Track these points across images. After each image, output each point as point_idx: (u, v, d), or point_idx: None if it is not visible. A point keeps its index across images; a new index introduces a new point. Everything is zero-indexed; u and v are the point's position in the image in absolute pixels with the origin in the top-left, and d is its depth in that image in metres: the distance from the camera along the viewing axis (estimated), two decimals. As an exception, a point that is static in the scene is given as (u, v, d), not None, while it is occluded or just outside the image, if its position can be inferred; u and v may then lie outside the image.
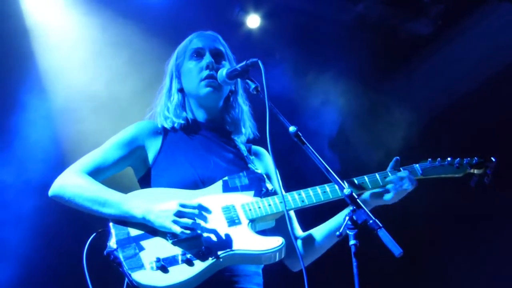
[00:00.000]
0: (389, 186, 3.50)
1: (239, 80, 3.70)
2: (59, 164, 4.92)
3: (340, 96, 7.40)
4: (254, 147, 3.86)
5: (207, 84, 3.62)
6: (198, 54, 3.72)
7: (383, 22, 7.35)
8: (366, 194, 3.55)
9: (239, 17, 7.24)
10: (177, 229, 3.10)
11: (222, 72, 3.57)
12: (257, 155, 3.82)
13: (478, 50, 7.24)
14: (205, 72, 3.64)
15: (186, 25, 6.67)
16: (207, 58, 3.68)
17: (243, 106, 3.81)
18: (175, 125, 3.65)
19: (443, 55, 7.44)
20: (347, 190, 2.87)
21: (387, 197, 3.49)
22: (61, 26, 6.45)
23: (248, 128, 3.80)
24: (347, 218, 2.82)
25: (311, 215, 3.68)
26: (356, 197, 2.87)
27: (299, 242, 3.65)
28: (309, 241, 3.65)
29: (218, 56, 3.72)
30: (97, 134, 5.83)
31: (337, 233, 2.88)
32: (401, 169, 3.58)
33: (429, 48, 7.51)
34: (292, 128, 3.09)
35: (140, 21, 6.72)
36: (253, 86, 3.32)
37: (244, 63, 3.41)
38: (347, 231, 2.80)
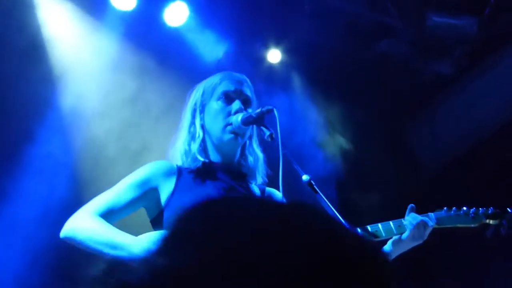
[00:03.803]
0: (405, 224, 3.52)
1: (255, 126, 3.70)
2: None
3: (358, 135, 7.40)
4: (268, 189, 3.83)
5: (232, 130, 3.61)
6: (227, 97, 3.68)
7: (405, 62, 7.35)
8: (388, 244, 3.56)
9: (260, 52, 7.29)
10: None
11: (238, 118, 3.56)
12: (270, 197, 3.77)
13: (500, 91, 7.20)
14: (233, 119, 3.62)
15: (206, 58, 6.81)
16: (237, 105, 3.64)
17: (259, 153, 3.79)
18: (191, 166, 3.65)
19: (466, 96, 7.41)
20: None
21: (404, 235, 3.49)
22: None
23: (263, 175, 3.78)
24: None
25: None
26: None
27: None
28: None
29: (246, 103, 3.69)
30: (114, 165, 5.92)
31: None
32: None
33: (451, 89, 7.48)
34: (305, 177, 3.09)
35: (157, 50, 6.79)
36: (267, 133, 3.32)
37: (259, 110, 3.42)
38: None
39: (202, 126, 3.72)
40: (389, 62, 7.31)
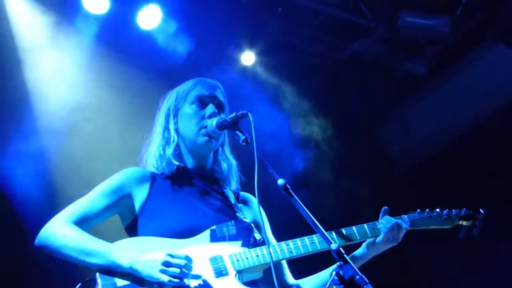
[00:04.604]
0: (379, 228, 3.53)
1: (226, 132, 3.70)
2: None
3: (330, 134, 7.43)
4: (242, 193, 3.83)
5: (206, 133, 3.60)
6: (201, 101, 3.68)
7: (378, 61, 7.39)
8: (362, 247, 3.57)
9: (234, 54, 7.29)
10: (164, 278, 3.08)
11: (213, 122, 3.55)
12: (245, 202, 3.80)
13: (472, 91, 7.28)
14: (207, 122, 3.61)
15: (180, 60, 6.79)
16: (211, 108, 3.65)
17: (232, 160, 3.79)
18: (165, 171, 3.63)
19: (438, 95, 7.47)
20: (334, 245, 2.84)
21: (378, 239, 3.51)
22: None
23: (236, 181, 3.77)
24: (333, 273, 2.81)
25: (305, 259, 3.65)
26: (343, 252, 2.85)
27: None
28: None
29: (219, 108, 3.70)
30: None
31: None
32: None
33: (423, 88, 7.54)
34: (280, 181, 3.07)
35: (133, 55, 6.76)
36: (242, 137, 3.31)
37: (234, 114, 3.41)
38: (334, 287, 2.79)
39: (176, 131, 3.71)
40: (363, 61, 7.36)
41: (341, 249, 2.85)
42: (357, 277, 2.75)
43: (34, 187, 6.09)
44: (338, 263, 2.83)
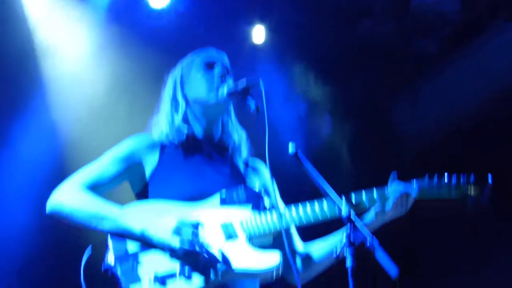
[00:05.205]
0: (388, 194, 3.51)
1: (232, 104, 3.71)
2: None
3: (341, 114, 7.42)
4: (252, 159, 3.82)
5: (218, 97, 3.58)
6: (208, 66, 3.67)
7: (389, 41, 7.36)
8: (371, 214, 3.54)
9: (244, 31, 7.28)
10: (176, 243, 3.11)
11: (223, 90, 3.55)
12: (254, 169, 3.79)
13: (484, 71, 7.23)
14: (218, 82, 3.60)
15: (190, 39, 6.78)
16: (220, 69, 3.64)
17: (240, 130, 3.79)
18: (174, 139, 3.63)
19: (450, 75, 7.43)
20: (345, 211, 2.85)
21: (387, 206, 3.48)
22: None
23: (245, 150, 3.77)
24: (344, 239, 2.82)
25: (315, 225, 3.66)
26: (354, 217, 2.85)
27: (298, 259, 3.64)
28: (307, 259, 3.64)
29: (226, 73, 3.69)
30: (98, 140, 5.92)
31: (334, 255, 2.88)
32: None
33: (435, 68, 7.50)
34: (291, 149, 3.08)
35: (143, 34, 6.75)
36: (253, 106, 3.32)
37: (245, 82, 3.41)
38: (345, 252, 2.79)
39: (185, 97, 3.70)
40: (374, 41, 7.32)
41: (352, 214, 2.85)
42: (368, 242, 2.76)
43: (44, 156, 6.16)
44: (349, 227, 2.84)
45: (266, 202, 3.50)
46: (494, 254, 7.05)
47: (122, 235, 3.23)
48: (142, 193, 3.53)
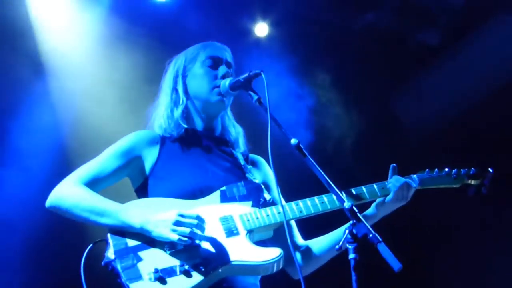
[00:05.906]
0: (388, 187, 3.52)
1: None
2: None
3: (344, 105, 7.41)
4: (251, 155, 3.83)
5: (219, 93, 3.58)
6: (212, 62, 3.67)
7: (391, 31, 7.32)
8: (372, 207, 3.56)
9: (247, 25, 7.25)
10: (175, 237, 3.09)
11: (225, 83, 3.53)
12: (254, 164, 3.80)
13: (485, 62, 7.19)
14: (220, 82, 3.59)
15: (194, 32, 6.75)
16: (224, 69, 3.64)
17: (238, 126, 3.80)
18: (174, 134, 3.62)
19: (451, 65, 7.39)
20: (347, 204, 2.82)
21: (388, 198, 3.49)
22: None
23: (244, 145, 3.77)
24: (347, 231, 2.78)
25: (314, 222, 3.65)
26: (357, 210, 2.83)
27: (298, 253, 3.64)
28: (308, 252, 3.64)
29: (229, 70, 3.69)
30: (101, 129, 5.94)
31: (337, 246, 2.86)
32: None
33: (437, 58, 7.47)
34: (293, 141, 3.06)
35: (147, 27, 6.74)
36: (255, 97, 3.29)
37: (247, 74, 3.38)
38: (347, 245, 2.77)
39: (186, 92, 3.69)
40: (376, 32, 7.28)
41: (354, 207, 2.83)
42: (370, 235, 2.73)
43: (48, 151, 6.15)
44: (351, 222, 2.82)
45: (267, 196, 3.49)
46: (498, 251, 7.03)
47: (121, 229, 3.22)
48: (142, 188, 3.53)
